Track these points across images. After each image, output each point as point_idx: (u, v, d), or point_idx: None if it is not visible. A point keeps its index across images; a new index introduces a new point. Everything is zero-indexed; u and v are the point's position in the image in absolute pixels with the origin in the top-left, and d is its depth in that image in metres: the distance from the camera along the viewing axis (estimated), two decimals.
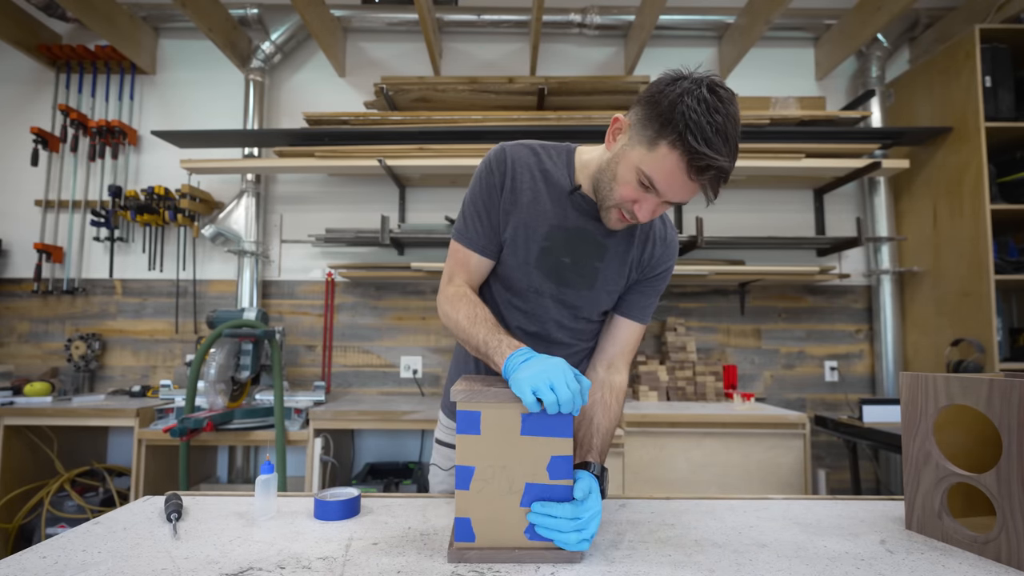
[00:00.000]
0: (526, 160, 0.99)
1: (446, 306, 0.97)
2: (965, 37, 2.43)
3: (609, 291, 1.02)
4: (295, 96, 3.01)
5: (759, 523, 0.87)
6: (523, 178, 0.98)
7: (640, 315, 1.05)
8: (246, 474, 2.80)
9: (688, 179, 0.79)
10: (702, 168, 0.77)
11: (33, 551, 0.74)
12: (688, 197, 0.83)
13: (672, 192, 0.83)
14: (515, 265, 0.99)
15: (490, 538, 0.73)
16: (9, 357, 2.88)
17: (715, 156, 0.75)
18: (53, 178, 2.93)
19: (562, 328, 1.04)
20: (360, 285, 2.91)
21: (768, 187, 2.93)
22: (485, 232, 0.99)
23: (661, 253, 1.03)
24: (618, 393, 1.01)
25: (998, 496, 0.71)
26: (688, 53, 3.02)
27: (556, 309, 1.02)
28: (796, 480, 2.15)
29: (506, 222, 0.98)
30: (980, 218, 2.36)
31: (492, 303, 1.04)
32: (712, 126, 0.75)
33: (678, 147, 0.77)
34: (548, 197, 0.97)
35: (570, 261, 0.98)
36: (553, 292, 1.00)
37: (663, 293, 1.10)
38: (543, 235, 0.97)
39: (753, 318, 2.90)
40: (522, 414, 0.73)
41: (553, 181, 0.98)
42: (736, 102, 0.80)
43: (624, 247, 1.01)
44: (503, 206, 0.98)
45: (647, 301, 1.05)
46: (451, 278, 1.01)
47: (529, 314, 1.03)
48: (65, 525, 2.36)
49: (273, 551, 0.74)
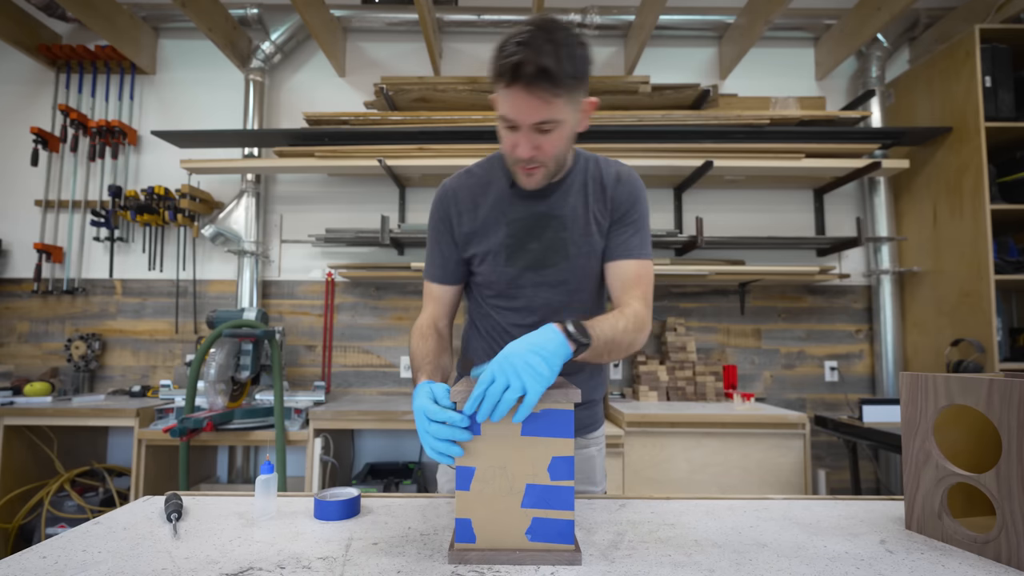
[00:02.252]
0: (463, 184, 1.08)
1: (410, 336, 1.07)
2: (965, 37, 2.43)
3: (586, 252, 1.04)
4: (295, 96, 3.01)
5: (759, 523, 0.87)
6: (465, 202, 1.06)
7: (625, 252, 1.03)
8: (246, 474, 2.80)
9: (515, 92, 0.84)
10: (515, 70, 0.82)
11: (33, 551, 0.74)
12: (532, 111, 0.86)
13: (516, 111, 0.87)
14: (492, 271, 1.06)
15: (491, 539, 0.72)
16: (9, 357, 2.88)
17: (515, 53, 0.82)
18: (53, 178, 2.94)
19: (556, 311, 1.07)
20: (360, 285, 2.91)
21: (768, 187, 2.93)
22: (440, 263, 1.09)
23: (620, 190, 1.05)
24: (634, 311, 0.95)
25: (998, 496, 0.71)
26: (688, 53, 3.02)
27: (544, 293, 1.06)
28: (796, 480, 2.15)
29: (468, 244, 1.07)
30: (980, 218, 2.36)
31: (486, 315, 1.12)
32: (514, 38, 0.83)
33: (495, 69, 0.86)
34: (493, 202, 1.05)
35: (538, 245, 1.04)
36: (534, 279, 1.05)
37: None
38: (504, 235, 1.04)
39: (753, 318, 2.90)
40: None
41: (493, 187, 1.06)
42: (561, 24, 0.86)
43: (581, 207, 1.04)
44: (461, 233, 1.07)
45: (630, 239, 1.04)
46: (423, 309, 1.12)
47: (520, 310, 1.08)
48: (65, 525, 2.36)
49: (273, 551, 0.74)
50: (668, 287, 2.89)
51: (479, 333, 1.16)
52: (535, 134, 0.90)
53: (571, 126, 0.94)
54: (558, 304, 1.07)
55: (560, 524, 0.72)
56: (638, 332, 0.95)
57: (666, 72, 2.95)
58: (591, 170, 1.07)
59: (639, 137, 2.63)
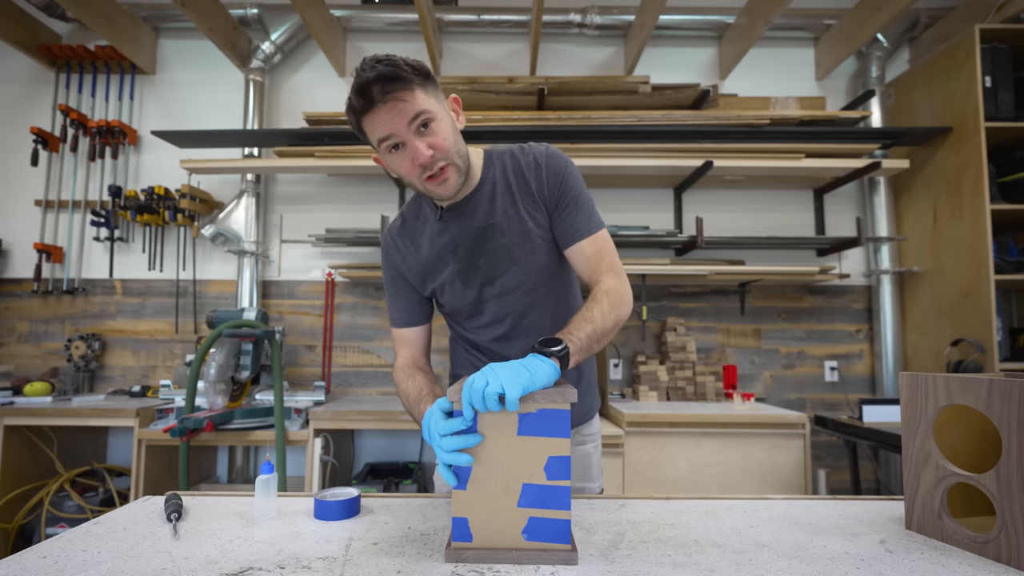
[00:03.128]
0: (399, 230, 1.10)
1: (395, 380, 1.10)
2: (965, 37, 2.43)
3: (530, 250, 1.03)
4: (295, 96, 3.01)
5: (759, 523, 0.87)
6: (406, 247, 1.09)
7: (575, 234, 1.02)
8: (246, 474, 2.80)
9: (376, 110, 0.88)
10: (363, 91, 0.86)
11: (33, 551, 0.74)
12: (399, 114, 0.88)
13: (388, 123, 0.89)
14: (453, 299, 1.08)
15: (487, 538, 0.73)
16: (9, 357, 2.88)
17: (357, 85, 0.87)
18: (53, 178, 2.94)
19: (523, 314, 1.07)
20: (360, 285, 2.91)
21: (768, 187, 2.93)
22: (404, 308, 1.11)
23: (544, 177, 1.03)
24: (601, 291, 0.97)
25: (998, 496, 0.71)
26: (688, 53, 3.02)
27: (506, 302, 1.06)
28: (796, 480, 2.15)
29: (424, 283, 1.09)
30: (980, 218, 2.36)
31: (468, 338, 1.14)
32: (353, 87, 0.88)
33: (354, 115, 0.91)
34: (430, 237, 1.06)
35: (484, 260, 1.04)
36: (492, 292, 1.05)
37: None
38: (452, 261, 1.05)
39: (753, 318, 2.90)
40: (519, 414, 0.73)
41: (427, 222, 1.08)
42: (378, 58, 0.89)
43: (511, 208, 1.03)
44: (413, 276, 1.09)
45: (574, 220, 1.02)
46: (398, 354, 1.14)
47: (490, 324, 1.09)
48: (65, 525, 2.36)
49: (273, 551, 0.74)
50: (668, 287, 2.89)
51: (463, 349, 1.18)
52: (419, 138, 0.90)
53: (448, 120, 0.94)
54: (523, 307, 1.06)
55: (556, 524, 0.72)
56: (618, 307, 0.95)
57: (666, 72, 2.95)
58: (509, 166, 1.04)
59: (639, 137, 2.63)
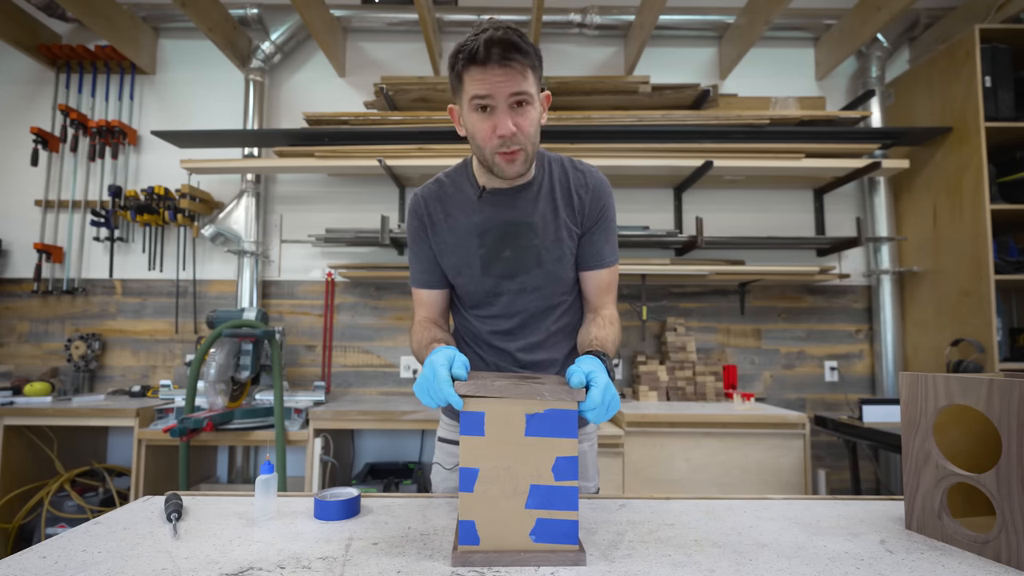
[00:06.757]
0: (435, 194, 1.09)
1: (411, 333, 1.12)
2: (965, 37, 2.43)
3: (557, 258, 1.05)
4: (295, 96, 3.01)
5: (759, 523, 0.87)
6: (436, 211, 1.07)
7: (599, 261, 1.08)
8: (246, 474, 2.80)
9: (489, 68, 0.87)
10: (487, 45, 0.85)
11: (33, 551, 0.74)
12: (509, 82, 0.88)
13: (493, 85, 0.88)
14: (468, 282, 1.07)
15: (495, 541, 0.72)
16: (9, 357, 2.88)
17: (482, 34, 0.86)
18: (53, 178, 2.94)
19: (533, 316, 1.08)
20: (360, 285, 2.91)
21: (768, 187, 2.93)
22: (424, 269, 1.11)
23: (590, 198, 1.06)
24: (608, 318, 1.06)
25: (998, 496, 0.71)
26: (688, 53, 3.02)
27: (521, 301, 1.07)
28: (796, 480, 2.15)
29: (442, 255, 1.08)
30: (980, 218, 2.36)
31: (466, 324, 1.15)
32: (473, 33, 0.88)
33: (461, 60, 0.89)
34: (463, 212, 1.06)
35: (511, 253, 1.05)
36: (510, 287, 1.06)
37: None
38: (476, 244, 1.05)
39: (753, 318, 2.90)
40: (526, 414, 0.73)
41: (463, 197, 1.07)
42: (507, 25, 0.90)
43: (551, 213, 1.05)
44: (434, 243, 1.08)
45: (602, 247, 1.08)
46: (416, 312, 1.15)
47: (497, 317, 1.10)
48: (65, 525, 2.36)
49: (273, 551, 0.74)
50: (668, 287, 2.89)
51: (463, 341, 1.18)
52: (512, 112, 0.90)
53: (538, 111, 0.95)
54: (535, 309, 1.08)
55: (564, 524, 0.72)
56: (619, 336, 1.06)
57: (666, 72, 2.95)
58: (558, 175, 1.07)
59: (639, 137, 2.63)
